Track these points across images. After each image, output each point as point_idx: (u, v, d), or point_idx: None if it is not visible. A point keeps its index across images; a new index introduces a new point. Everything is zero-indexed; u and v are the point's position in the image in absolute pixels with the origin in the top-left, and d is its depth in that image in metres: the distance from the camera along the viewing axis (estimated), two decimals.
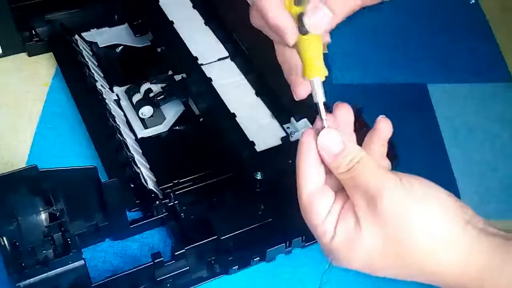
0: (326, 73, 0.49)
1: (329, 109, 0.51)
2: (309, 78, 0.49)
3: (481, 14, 0.95)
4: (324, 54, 0.53)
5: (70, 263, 0.56)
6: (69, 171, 0.58)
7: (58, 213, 0.58)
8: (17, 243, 0.57)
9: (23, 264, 0.55)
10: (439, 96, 0.83)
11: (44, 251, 0.58)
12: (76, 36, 0.83)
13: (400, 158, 0.61)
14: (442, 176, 0.74)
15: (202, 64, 0.75)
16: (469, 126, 0.80)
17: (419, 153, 0.76)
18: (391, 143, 0.62)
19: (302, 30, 0.48)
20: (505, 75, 0.86)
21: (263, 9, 0.48)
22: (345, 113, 0.52)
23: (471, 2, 0.97)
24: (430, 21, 0.94)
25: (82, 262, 0.56)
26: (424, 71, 0.87)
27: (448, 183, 0.73)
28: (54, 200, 0.58)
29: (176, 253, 0.60)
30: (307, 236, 0.64)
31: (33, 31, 0.86)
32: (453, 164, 0.75)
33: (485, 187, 0.73)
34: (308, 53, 0.48)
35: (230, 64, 0.76)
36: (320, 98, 0.49)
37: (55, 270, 0.55)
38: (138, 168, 0.67)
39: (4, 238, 0.56)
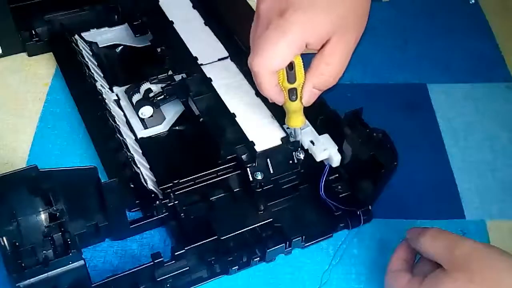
0: (303, 123, 0.65)
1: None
2: (291, 127, 0.65)
3: (481, 14, 0.95)
4: None
5: (70, 263, 0.56)
6: (69, 171, 0.58)
7: (58, 213, 0.58)
8: (17, 243, 0.57)
9: (23, 264, 0.55)
10: (439, 96, 0.83)
11: (44, 251, 0.58)
12: (76, 36, 0.83)
13: (400, 158, 0.61)
14: (442, 176, 0.74)
15: (202, 64, 0.75)
16: (469, 126, 0.79)
17: (419, 153, 0.76)
18: (390, 143, 0.62)
19: (292, 99, 0.62)
20: (505, 75, 0.86)
21: (260, 85, 0.61)
22: None
23: (471, 2, 0.97)
24: (430, 21, 0.94)
25: (82, 262, 0.56)
26: (424, 71, 0.86)
27: (448, 183, 0.73)
28: (54, 200, 0.58)
29: (176, 253, 0.60)
30: (307, 237, 0.65)
31: (33, 31, 0.86)
32: (453, 164, 0.75)
33: (485, 187, 0.73)
34: (291, 111, 0.63)
35: (230, 64, 0.76)
36: (298, 139, 0.66)
37: (55, 270, 0.56)
38: (138, 168, 0.67)
39: (4, 238, 0.56)
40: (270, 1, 0.58)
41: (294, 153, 0.67)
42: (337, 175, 0.68)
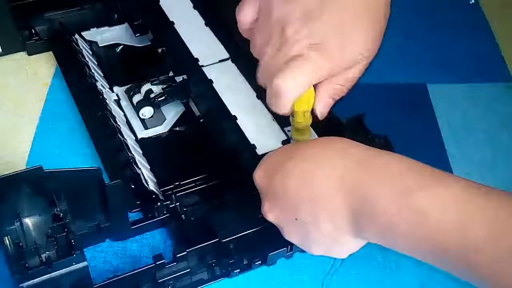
0: (309, 137, 0.64)
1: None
2: (299, 140, 0.64)
3: (481, 14, 0.96)
4: None
5: (74, 264, 0.56)
6: (73, 172, 0.58)
7: (61, 214, 0.58)
8: (20, 244, 0.57)
9: (26, 265, 0.55)
10: (439, 96, 0.83)
11: (48, 252, 0.58)
12: (76, 35, 0.83)
13: None
14: None
15: (203, 66, 0.75)
16: (469, 126, 0.80)
17: (418, 153, 0.75)
18: (392, 148, 0.62)
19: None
20: (505, 75, 0.86)
21: (277, 106, 0.60)
22: None
23: (471, 2, 0.97)
24: (430, 21, 0.94)
25: (85, 263, 0.56)
26: (424, 71, 0.87)
27: None
28: (57, 201, 0.58)
29: (178, 255, 0.60)
30: None
31: (33, 30, 0.86)
32: (453, 164, 0.75)
33: None
34: (300, 129, 0.63)
35: (231, 66, 0.75)
36: None
37: (58, 271, 0.55)
38: (139, 169, 0.66)
39: (8, 238, 0.56)
40: (298, 26, 0.56)
41: None
42: None
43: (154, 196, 0.65)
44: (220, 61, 0.76)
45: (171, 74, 0.76)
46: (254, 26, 0.60)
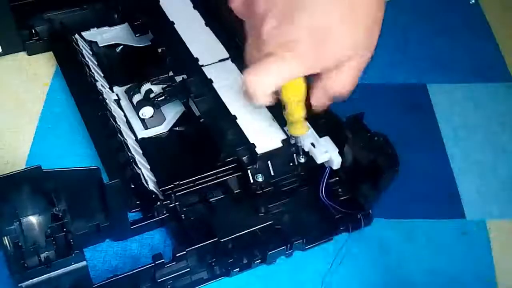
0: (305, 132, 0.64)
1: None
2: (295, 135, 0.65)
3: (481, 14, 0.96)
4: None
5: (73, 264, 0.56)
6: (72, 171, 0.58)
7: (60, 214, 0.58)
8: (20, 243, 0.57)
9: (26, 265, 0.55)
10: (439, 96, 0.83)
11: (47, 252, 0.58)
12: (76, 35, 0.83)
13: (400, 158, 0.61)
14: (442, 176, 0.74)
15: (203, 65, 0.75)
16: (469, 126, 0.80)
17: (419, 153, 0.76)
18: (392, 148, 0.62)
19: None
20: (505, 75, 0.86)
21: (252, 98, 0.60)
22: None
23: (471, 2, 0.97)
24: (430, 21, 0.94)
25: (84, 263, 0.56)
26: (424, 71, 0.87)
27: (448, 183, 0.73)
28: (56, 201, 0.58)
29: (177, 255, 0.60)
30: (308, 239, 0.65)
31: (33, 30, 0.86)
32: (453, 164, 0.75)
33: (485, 187, 0.73)
34: (294, 122, 0.63)
35: (231, 66, 0.75)
36: (302, 145, 0.66)
37: (57, 271, 0.55)
38: (139, 168, 0.66)
39: (7, 238, 0.56)
40: (275, 24, 0.56)
41: (295, 155, 0.67)
42: (337, 178, 0.68)
43: (154, 196, 0.65)
44: (220, 61, 0.76)
45: (171, 74, 0.76)
46: (246, 8, 0.60)
